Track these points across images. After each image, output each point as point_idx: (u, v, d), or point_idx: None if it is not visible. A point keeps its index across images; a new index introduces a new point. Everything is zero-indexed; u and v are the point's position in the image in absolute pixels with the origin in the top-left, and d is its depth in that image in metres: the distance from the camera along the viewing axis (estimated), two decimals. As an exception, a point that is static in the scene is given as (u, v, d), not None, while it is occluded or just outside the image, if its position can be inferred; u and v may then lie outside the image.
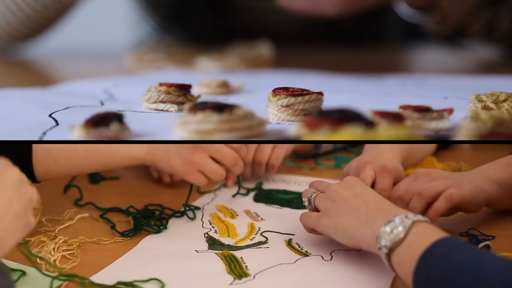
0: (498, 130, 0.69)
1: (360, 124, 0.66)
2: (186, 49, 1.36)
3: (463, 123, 0.71)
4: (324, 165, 1.21)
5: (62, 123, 0.80)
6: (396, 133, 0.67)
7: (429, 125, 0.76)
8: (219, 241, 0.90)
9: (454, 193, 0.87)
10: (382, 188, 0.96)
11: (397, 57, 1.59)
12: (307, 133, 0.68)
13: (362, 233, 0.77)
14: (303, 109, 0.80)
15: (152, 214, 0.97)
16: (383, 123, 0.70)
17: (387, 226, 0.74)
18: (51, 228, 0.92)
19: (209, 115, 0.72)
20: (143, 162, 0.96)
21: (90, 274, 0.79)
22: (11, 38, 1.39)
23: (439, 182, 0.89)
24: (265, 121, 0.75)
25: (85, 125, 0.72)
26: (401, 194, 0.90)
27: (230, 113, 0.72)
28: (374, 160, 0.98)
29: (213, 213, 0.99)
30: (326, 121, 0.67)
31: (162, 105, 0.88)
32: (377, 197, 0.80)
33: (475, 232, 0.89)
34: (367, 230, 0.76)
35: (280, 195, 1.06)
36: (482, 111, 0.78)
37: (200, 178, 0.95)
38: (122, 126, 0.73)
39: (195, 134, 0.71)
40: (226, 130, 0.71)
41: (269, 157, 1.11)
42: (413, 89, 1.07)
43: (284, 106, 0.81)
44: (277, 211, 1.01)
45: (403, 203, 0.90)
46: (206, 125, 0.71)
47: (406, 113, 0.76)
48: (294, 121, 0.80)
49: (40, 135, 0.75)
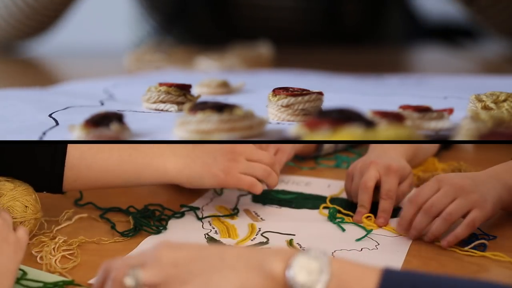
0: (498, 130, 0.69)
1: (360, 124, 0.66)
2: (186, 49, 1.36)
3: (463, 123, 0.71)
4: (324, 165, 1.21)
5: (62, 123, 0.80)
6: (396, 133, 0.66)
7: (429, 125, 0.76)
8: (219, 242, 0.89)
9: (477, 218, 0.85)
10: (388, 189, 0.96)
11: (397, 57, 1.59)
12: (307, 133, 0.68)
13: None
14: (303, 109, 0.80)
15: (152, 214, 0.97)
16: (383, 123, 0.70)
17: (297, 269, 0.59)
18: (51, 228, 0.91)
19: (209, 115, 0.72)
20: (177, 179, 0.93)
21: (91, 274, 0.78)
22: (15, 31, 1.39)
23: (463, 201, 0.86)
24: (265, 121, 0.75)
25: (85, 125, 0.72)
26: (427, 209, 0.87)
27: (230, 113, 0.72)
28: (378, 160, 0.98)
29: (213, 213, 0.99)
30: (326, 121, 0.67)
31: (162, 105, 0.87)
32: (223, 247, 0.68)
33: (477, 231, 0.89)
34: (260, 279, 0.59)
35: (279, 195, 1.05)
36: (482, 111, 0.78)
37: (248, 180, 0.94)
38: (122, 126, 0.73)
39: (195, 134, 0.71)
40: (226, 130, 0.71)
41: None
42: (413, 89, 1.07)
43: (284, 106, 0.81)
44: (277, 211, 1.01)
45: (428, 216, 0.87)
46: (206, 125, 0.71)
47: (406, 113, 0.76)
48: (294, 121, 0.80)
49: (40, 135, 0.75)
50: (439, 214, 0.86)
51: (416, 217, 0.88)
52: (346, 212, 0.98)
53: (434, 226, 0.87)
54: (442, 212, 0.86)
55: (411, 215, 0.89)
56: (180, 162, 0.93)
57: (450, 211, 0.86)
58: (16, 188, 0.85)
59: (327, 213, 0.98)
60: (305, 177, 1.14)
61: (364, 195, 0.96)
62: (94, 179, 0.90)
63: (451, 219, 0.86)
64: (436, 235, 0.87)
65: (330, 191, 1.07)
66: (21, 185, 0.86)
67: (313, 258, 0.59)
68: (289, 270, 0.59)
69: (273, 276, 0.59)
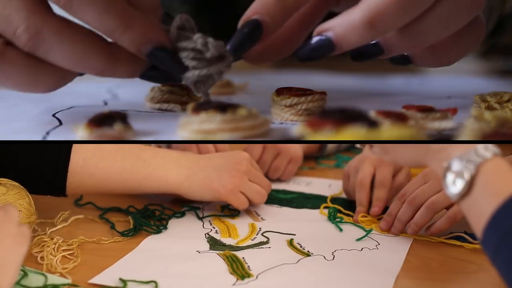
0: (502, 130, 0.69)
1: (363, 124, 0.66)
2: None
3: (466, 123, 0.71)
4: (325, 164, 1.21)
5: (66, 123, 0.80)
6: (399, 133, 0.66)
7: (433, 125, 0.76)
8: (220, 242, 0.89)
9: (458, 212, 0.86)
10: (381, 179, 0.96)
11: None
12: (310, 133, 0.67)
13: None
14: (306, 109, 0.80)
15: (152, 214, 0.97)
16: (386, 123, 0.70)
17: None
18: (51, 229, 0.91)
19: (212, 115, 0.71)
20: (178, 190, 0.94)
21: (91, 274, 0.78)
22: None
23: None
24: (269, 121, 0.75)
25: (88, 124, 0.72)
26: (411, 200, 0.89)
27: (233, 113, 0.72)
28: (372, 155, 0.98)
29: (213, 213, 0.99)
30: (329, 121, 0.66)
31: (166, 105, 0.87)
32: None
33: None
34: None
35: (279, 195, 1.05)
36: (486, 111, 0.78)
37: (243, 200, 0.96)
38: (126, 125, 0.73)
39: (198, 134, 0.71)
40: (229, 130, 0.71)
41: (281, 173, 1.12)
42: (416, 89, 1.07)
43: (287, 106, 0.81)
44: (277, 210, 1.01)
45: (411, 207, 0.89)
46: (209, 125, 0.71)
47: (409, 113, 0.76)
48: (297, 121, 0.80)
49: (44, 135, 0.75)
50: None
51: (400, 209, 0.89)
52: (347, 212, 0.98)
53: (417, 215, 0.88)
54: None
55: (397, 210, 0.90)
56: (182, 174, 0.94)
57: (433, 200, 0.87)
58: (8, 192, 0.84)
59: (327, 213, 0.98)
60: (305, 177, 1.14)
61: (361, 193, 0.97)
62: (96, 186, 0.92)
63: (433, 208, 0.87)
64: (418, 224, 0.87)
65: (331, 191, 1.07)
66: (13, 189, 0.84)
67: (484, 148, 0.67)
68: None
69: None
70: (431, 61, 0.81)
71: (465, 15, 0.75)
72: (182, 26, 0.77)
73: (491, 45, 1.01)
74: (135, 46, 0.73)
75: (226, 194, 0.94)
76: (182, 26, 0.77)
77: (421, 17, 0.73)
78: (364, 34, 0.72)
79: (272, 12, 0.76)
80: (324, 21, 0.75)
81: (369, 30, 0.72)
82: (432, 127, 0.76)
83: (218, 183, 0.94)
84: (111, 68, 0.73)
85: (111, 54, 0.73)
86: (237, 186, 0.94)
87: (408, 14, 0.72)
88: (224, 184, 0.94)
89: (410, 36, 0.74)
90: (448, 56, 0.80)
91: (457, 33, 0.77)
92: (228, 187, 0.94)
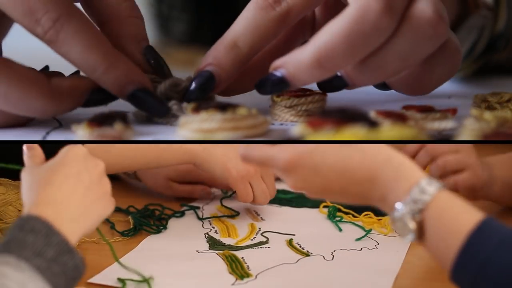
0: (502, 130, 0.69)
1: (363, 124, 0.66)
2: (186, 49, 1.35)
3: (466, 123, 0.71)
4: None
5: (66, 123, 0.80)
6: (400, 133, 0.66)
7: (433, 125, 0.76)
8: (219, 241, 0.90)
9: (464, 181, 0.89)
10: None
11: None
12: (310, 133, 0.67)
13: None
14: (306, 110, 0.80)
15: (152, 214, 0.97)
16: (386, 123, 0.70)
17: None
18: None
19: (212, 114, 0.72)
20: (195, 158, 0.93)
21: (91, 274, 0.78)
22: None
23: (461, 157, 0.91)
24: (269, 120, 0.75)
25: (88, 124, 0.72)
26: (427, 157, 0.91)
27: (233, 112, 0.72)
28: None
29: (213, 213, 0.99)
30: (329, 121, 0.66)
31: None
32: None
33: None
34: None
35: (279, 194, 1.05)
36: (486, 111, 0.78)
37: (249, 191, 0.94)
38: (126, 125, 0.73)
39: (198, 133, 0.71)
40: (229, 129, 0.71)
41: None
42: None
43: (287, 107, 0.81)
44: (277, 210, 1.01)
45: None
46: (209, 124, 0.71)
47: (409, 113, 0.76)
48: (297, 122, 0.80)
49: (44, 135, 0.75)
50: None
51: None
52: (346, 210, 0.98)
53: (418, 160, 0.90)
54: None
55: None
56: (201, 145, 0.93)
57: (446, 159, 0.90)
58: (8, 191, 0.84)
59: (327, 212, 0.98)
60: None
61: None
62: (112, 164, 0.89)
63: (444, 166, 0.90)
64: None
65: (331, 191, 1.07)
66: (13, 189, 0.84)
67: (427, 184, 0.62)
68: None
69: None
70: (407, 90, 0.81)
71: (425, 47, 0.73)
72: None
73: (483, 64, 1.00)
74: (117, 86, 0.73)
75: (237, 179, 0.93)
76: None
77: (376, 52, 0.72)
78: (314, 73, 0.72)
79: (224, 63, 0.76)
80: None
81: (317, 69, 0.71)
82: (432, 128, 0.76)
83: (234, 165, 0.93)
84: (53, 107, 0.73)
85: (51, 92, 0.72)
86: (249, 176, 0.93)
87: (358, 52, 0.71)
88: (238, 168, 0.93)
89: (369, 70, 0.73)
90: (422, 86, 0.80)
91: (428, 63, 0.76)
92: (241, 173, 0.93)
